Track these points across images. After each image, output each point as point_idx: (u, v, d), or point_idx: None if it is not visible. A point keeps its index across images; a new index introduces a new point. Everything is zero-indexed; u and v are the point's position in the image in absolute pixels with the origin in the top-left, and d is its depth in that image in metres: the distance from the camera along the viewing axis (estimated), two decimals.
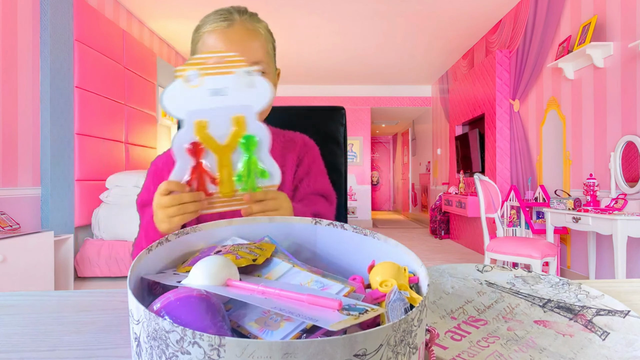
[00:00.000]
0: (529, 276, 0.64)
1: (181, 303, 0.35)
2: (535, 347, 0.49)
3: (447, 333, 0.51)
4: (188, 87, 0.60)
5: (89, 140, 3.91)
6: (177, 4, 4.64)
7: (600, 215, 2.69)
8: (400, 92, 8.35)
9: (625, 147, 2.99)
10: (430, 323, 0.52)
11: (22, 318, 0.61)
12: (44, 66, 3.37)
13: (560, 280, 0.63)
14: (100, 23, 4.06)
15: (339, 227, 0.53)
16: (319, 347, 0.28)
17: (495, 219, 3.49)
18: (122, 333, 0.56)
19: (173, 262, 0.49)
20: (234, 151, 0.62)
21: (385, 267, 0.45)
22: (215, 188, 0.63)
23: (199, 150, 0.61)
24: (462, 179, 5.79)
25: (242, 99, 0.62)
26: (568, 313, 0.57)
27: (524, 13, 4.42)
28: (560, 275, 3.68)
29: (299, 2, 4.61)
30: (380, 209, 13.03)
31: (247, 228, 0.54)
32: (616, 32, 3.11)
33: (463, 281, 0.62)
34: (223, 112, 0.61)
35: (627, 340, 0.51)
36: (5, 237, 2.59)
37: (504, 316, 0.55)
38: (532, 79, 4.21)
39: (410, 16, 4.97)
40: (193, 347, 0.28)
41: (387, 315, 0.37)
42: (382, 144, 13.20)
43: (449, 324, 0.53)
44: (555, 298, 0.59)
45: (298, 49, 6.15)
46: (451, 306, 0.57)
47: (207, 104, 0.61)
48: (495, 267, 0.66)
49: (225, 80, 0.61)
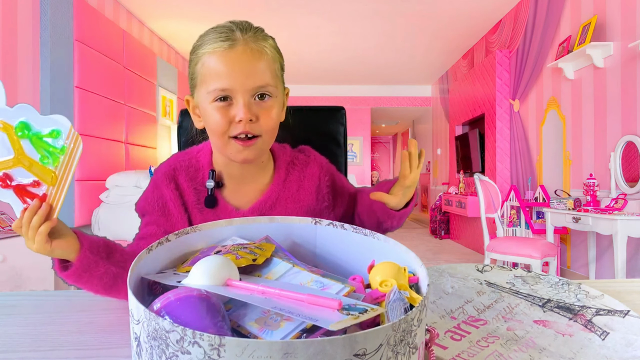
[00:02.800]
0: (528, 276, 0.64)
1: (181, 303, 0.35)
2: (535, 347, 0.49)
3: (447, 333, 0.51)
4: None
5: (89, 140, 3.91)
6: (177, 4, 4.64)
7: (600, 215, 2.69)
8: (400, 92, 8.35)
9: (625, 147, 2.99)
10: (430, 323, 0.52)
11: (22, 318, 0.61)
12: (44, 66, 3.37)
13: (560, 280, 0.63)
14: (100, 23, 4.06)
15: (339, 227, 0.53)
16: (319, 347, 0.28)
17: (495, 219, 3.49)
18: (122, 333, 0.56)
19: (173, 262, 0.49)
20: (23, 149, 0.62)
21: (385, 267, 0.45)
22: (43, 187, 0.62)
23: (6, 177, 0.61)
24: (462, 179, 5.79)
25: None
26: (568, 313, 0.57)
27: (524, 13, 4.42)
28: (560, 275, 3.67)
29: (299, 2, 4.61)
30: None
31: (247, 228, 0.54)
32: (616, 32, 3.11)
33: (463, 281, 0.62)
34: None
35: (627, 340, 0.51)
36: (5, 237, 2.59)
37: (504, 316, 0.55)
38: (532, 79, 4.21)
39: (410, 16, 4.97)
40: (193, 346, 0.28)
41: (387, 315, 0.37)
42: (382, 144, 13.20)
43: (449, 323, 0.53)
44: (555, 298, 0.60)
45: (298, 49, 6.15)
46: (451, 306, 0.57)
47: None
48: (495, 267, 0.66)
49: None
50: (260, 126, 0.75)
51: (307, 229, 0.55)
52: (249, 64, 0.73)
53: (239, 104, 0.73)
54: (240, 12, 4.77)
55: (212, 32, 0.75)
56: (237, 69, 0.72)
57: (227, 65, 0.72)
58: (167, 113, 5.62)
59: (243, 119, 0.73)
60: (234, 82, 0.72)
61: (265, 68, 0.75)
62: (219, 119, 0.74)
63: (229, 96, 0.73)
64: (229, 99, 0.74)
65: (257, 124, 0.75)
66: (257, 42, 0.75)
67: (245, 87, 0.73)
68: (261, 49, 0.75)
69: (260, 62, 0.74)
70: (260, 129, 0.76)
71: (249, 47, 0.73)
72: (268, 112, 0.76)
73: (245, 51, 0.73)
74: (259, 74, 0.74)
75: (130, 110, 4.64)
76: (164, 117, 5.55)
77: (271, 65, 0.76)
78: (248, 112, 0.73)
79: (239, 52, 0.73)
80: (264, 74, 0.75)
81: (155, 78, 5.24)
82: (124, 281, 0.66)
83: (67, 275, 0.65)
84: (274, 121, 0.78)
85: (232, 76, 0.72)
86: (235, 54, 0.72)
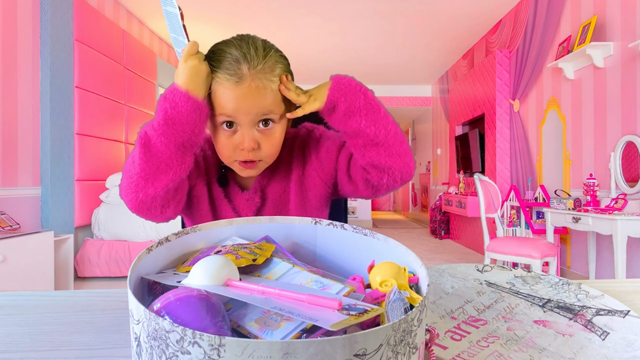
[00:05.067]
0: (528, 276, 0.64)
1: (181, 303, 0.35)
2: (535, 347, 0.49)
3: (447, 333, 0.51)
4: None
5: (89, 140, 3.91)
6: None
7: (600, 215, 2.69)
8: (400, 92, 8.35)
9: (625, 147, 2.99)
10: (430, 323, 0.52)
11: (22, 318, 0.61)
12: (44, 66, 3.37)
13: (560, 280, 0.63)
14: (100, 23, 4.06)
15: (339, 227, 0.53)
16: (319, 347, 0.28)
17: (495, 219, 3.49)
18: (122, 333, 0.56)
19: (173, 262, 0.49)
20: None
21: (385, 267, 0.45)
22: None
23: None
24: (462, 179, 5.79)
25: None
26: (568, 313, 0.57)
27: (524, 13, 4.42)
28: (560, 275, 3.68)
29: (299, 2, 4.61)
30: (380, 209, 13.03)
31: (247, 228, 0.54)
32: (616, 32, 3.11)
33: (463, 281, 0.62)
34: None
35: (627, 341, 0.51)
36: (5, 237, 2.59)
37: (504, 316, 0.55)
38: (532, 79, 4.21)
39: (410, 16, 4.97)
40: (193, 347, 0.28)
41: (387, 315, 0.37)
42: None
43: (449, 323, 0.53)
44: (555, 298, 0.60)
45: (298, 49, 6.15)
46: (451, 306, 0.57)
47: None
48: (495, 267, 0.66)
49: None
50: (262, 152, 0.82)
51: (307, 229, 0.55)
52: (253, 100, 0.77)
53: (243, 133, 0.80)
54: (240, 12, 4.77)
55: (223, 58, 0.78)
56: (241, 103, 0.77)
57: (233, 100, 0.77)
58: None
59: (246, 148, 0.80)
60: (238, 114, 0.78)
61: (270, 102, 0.79)
62: (225, 144, 0.81)
63: (234, 123, 0.80)
64: (234, 126, 0.80)
65: (259, 150, 0.81)
66: (265, 75, 0.78)
67: (249, 118, 0.79)
68: (267, 85, 0.78)
69: (265, 98, 0.78)
70: (262, 155, 0.82)
71: (255, 84, 0.77)
72: (270, 139, 0.82)
73: (252, 88, 0.77)
74: (263, 106, 0.78)
75: (130, 110, 4.64)
76: None
77: (277, 95, 0.80)
78: (250, 142, 0.79)
79: (245, 89, 0.77)
80: (269, 105, 0.79)
81: (155, 78, 5.25)
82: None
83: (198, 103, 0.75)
84: (276, 147, 0.84)
85: (237, 109, 0.78)
86: (240, 90, 0.77)
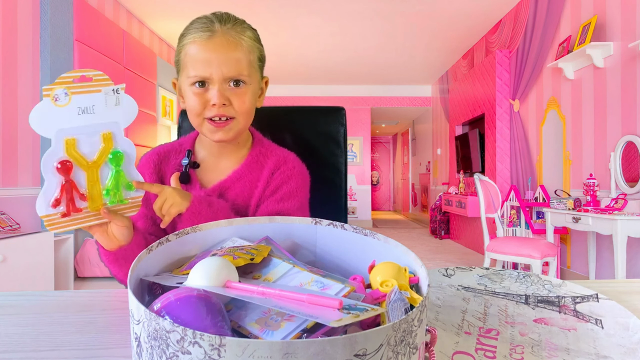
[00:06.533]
0: (491, 274, 0.63)
1: (181, 303, 0.35)
2: (558, 348, 0.48)
3: (478, 351, 0.48)
4: (56, 105, 0.61)
5: None
6: (177, 4, 4.64)
7: (600, 215, 2.69)
8: (400, 92, 8.35)
9: (625, 147, 2.99)
10: (453, 343, 0.50)
11: (22, 318, 0.61)
12: (44, 66, 3.37)
13: (519, 273, 0.63)
14: (100, 23, 4.06)
15: (339, 227, 0.53)
16: (320, 347, 0.28)
17: (495, 219, 3.49)
18: (122, 333, 0.56)
19: (170, 266, 0.49)
20: (102, 167, 0.64)
21: (385, 267, 0.45)
22: (84, 204, 0.64)
23: (68, 167, 0.62)
24: (462, 179, 5.79)
25: (109, 116, 0.64)
26: (552, 306, 0.56)
27: (524, 13, 4.42)
28: (561, 276, 3.68)
29: (299, 2, 4.61)
30: (380, 209, 13.03)
31: (247, 228, 0.54)
32: (616, 32, 3.11)
33: (441, 290, 0.60)
34: (91, 129, 0.63)
35: (621, 325, 0.50)
36: (5, 237, 2.59)
37: (506, 321, 0.54)
38: (532, 79, 4.21)
39: (410, 16, 4.97)
40: (193, 347, 0.28)
41: (387, 315, 0.37)
42: (382, 144, 13.20)
43: (470, 340, 0.50)
44: (529, 293, 0.59)
45: (298, 49, 6.15)
46: (452, 320, 0.54)
47: (75, 122, 0.62)
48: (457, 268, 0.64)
49: (93, 99, 0.63)
50: (233, 109, 0.83)
51: (307, 229, 0.55)
52: (225, 53, 0.80)
53: (213, 89, 0.81)
54: (240, 12, 4.76)
55: (195, 22, 0.82)
56: (213, 57, 0.79)
57: (205, 54, 0.79)
58: (167, 113, 5.62)
59: (217, 103, 0.81)
60: (210, 70, 0.79)
61: (241, 57, 0.81)
62: (195, 101, 0.82)
63: (205, 82, 0.81)
64: (206, 85, 0.81)
65: (231, 107, 0.83)
66: (235, 33, 0.81)
67: (221, 74, 0.80)
68: (238, 41, 0.81)
69: (235, 52, 0.81)
70: (234, 112, 0.83)
71: (225, 38, 0.80)
72: (241, 97, 0.83)
73: (223, 42, 0.80)
74: (234, 63, 0.80)
75: None
76: (164, 117, 5.54)
77: (247, 55, 0.83)
78: (221, 97, 0.80)
79: (217, 43, 0.79)
80: (239, 63, 0.81)
81: (155, 78, 5.24)
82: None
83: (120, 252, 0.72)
84: (246, 105, 0.84)
85: (209, 64, 0.79)
86: (213, 44, 0.79)
